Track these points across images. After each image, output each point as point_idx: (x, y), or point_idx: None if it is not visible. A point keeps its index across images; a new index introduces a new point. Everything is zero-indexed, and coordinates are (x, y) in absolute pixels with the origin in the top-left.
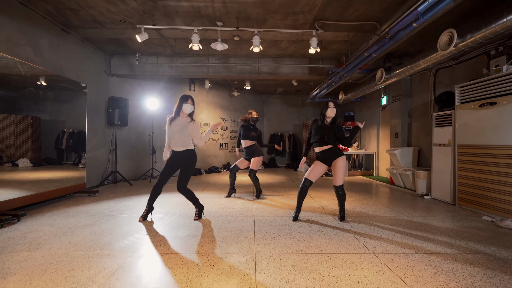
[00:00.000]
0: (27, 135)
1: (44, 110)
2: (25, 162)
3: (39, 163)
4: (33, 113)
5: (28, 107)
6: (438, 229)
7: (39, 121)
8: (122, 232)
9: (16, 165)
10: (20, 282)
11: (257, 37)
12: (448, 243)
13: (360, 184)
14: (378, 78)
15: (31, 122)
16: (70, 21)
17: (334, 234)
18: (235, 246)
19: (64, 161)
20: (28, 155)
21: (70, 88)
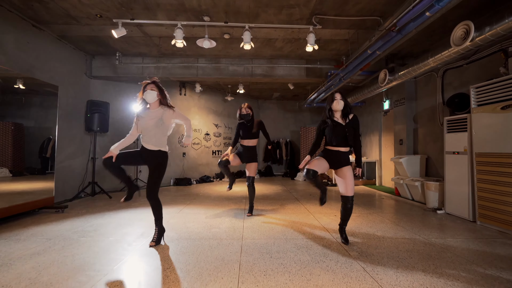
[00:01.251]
0: (7, 143)
1: (28, 116)
2: (3, 172)
3: (19, 173)
4: (16, 119)
5: (11, 113)
6: (465, 258)
7: (22, 128)
8: (73, 266)
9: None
10: None
11: (248, 33)
12: (485, 279)
13: (363, 195)
14: (381, 80)
15: (11, 128)
16: (40, 16)
17: (339, 265)
18: (213, 285)
19: (48, 170)
20: (7, 164)
21: (57, 93)
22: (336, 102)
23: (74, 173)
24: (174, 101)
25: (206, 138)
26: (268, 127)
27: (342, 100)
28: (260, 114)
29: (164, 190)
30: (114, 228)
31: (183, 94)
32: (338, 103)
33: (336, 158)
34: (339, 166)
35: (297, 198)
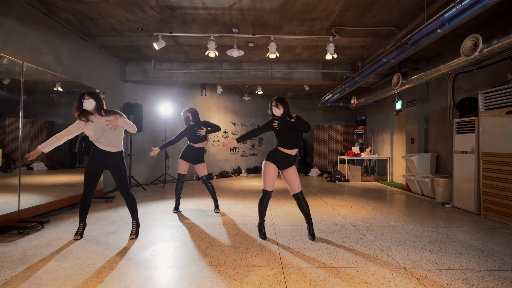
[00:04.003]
0: (42, 139)
1: (58, 114)
2: (40, 166)
3: (53, 167)
4: (48, 117)
5: (43, 111)
6: (467, 242)
7: (53, 125)
8: (144, 241)
9: (31, 168)
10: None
11: (274, 44)
12: (482, 257)
13: (375, 191)
14: (395, 84)
15: (46, 126)
16: (89, 30)
17: (360, 246)
18: (260, 258)
19: (77, 164)
20: (43, 158)
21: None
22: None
23: None
24: (195, 102)
25: (224, 136)
26: None
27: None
28: None
29: (190, 184)
30: (160, 215)
31: (204, 95)
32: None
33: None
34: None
35: (314, 192)
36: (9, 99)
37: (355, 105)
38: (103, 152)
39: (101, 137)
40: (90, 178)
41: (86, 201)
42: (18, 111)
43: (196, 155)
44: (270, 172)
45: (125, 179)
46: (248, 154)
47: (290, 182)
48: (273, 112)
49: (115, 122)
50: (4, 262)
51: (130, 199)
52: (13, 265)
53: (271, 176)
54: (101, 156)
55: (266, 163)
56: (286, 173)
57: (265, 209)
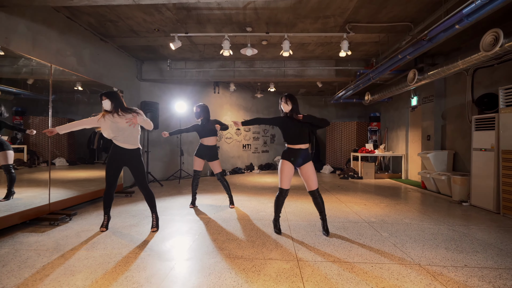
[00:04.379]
0: (63, 136)
1: (77, 112)
2: (61, 161)
3: (74, 162)
4: (68, 115)
5: (63, 109)
6: (485, 241)
7: None
8: (164, 234)
9: (53, 164)
10: (87, 280)
11: (287, 42)
12: (500, 256)
13: (389, 188)
14: (410, 80)
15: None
16: (109, 32)
17: (374, 242)
18: (276, 252)
19: (96, 160)
20: (64, 154)
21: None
22: (283, 104)
23: None
24: (208, 99)
25: (237, 133)
26: None
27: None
28: None
29: (204, 180)
30: (177, 209)
31: (217, 92)
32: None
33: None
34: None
35: (326, 189)
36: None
37: (369, 101)
38: (121, 148)
39: (117, 135)
40: (111, 174)
41: (108, 195)
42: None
43: (210, 153)
44: (285, 170)
45: (142, 175)
46: (261, 151)
47: (306, 179)
48: (282, 108)
49: (134, 120)
50: (40, 251)
51: (149, 194)
52: (48, 253)
53: (286, 174)
54: (119, 152)
55: (281, 162)
56: (303, 170)
57: (281, 206)
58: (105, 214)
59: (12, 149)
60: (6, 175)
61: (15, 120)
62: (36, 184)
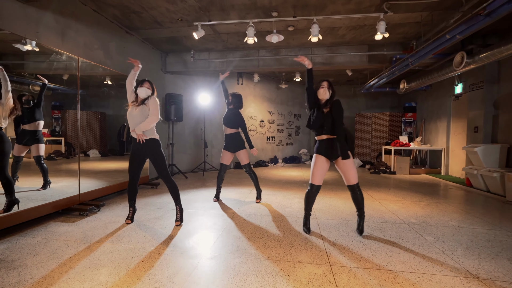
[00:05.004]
0: (96, 129)
1: (108, 106)
2: (94, 153)
3: (105, 154)
4: (99, 109)
5: (95, 103)
6: None
7: (104, 116)
8: (188, 229)
9: (88, 155)
10: (110, 275)
11: (316, 26)
12: None
13: (427, 185)
14: (457, 64)
15: (98, 117)
16: (134, 24)
17: (417, 247)
18: (306, 253)
19: (125, 152)
20: (97, 146)
21: None
22: (323, 90)
23: None
24: (232, 90)
25: (261, 125)
26: None
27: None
28: None
29: (227, 173)
30: (201, 202)
31: (240, 84)
32: (326, 92)
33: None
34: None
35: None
36: (68, 93)
37: (404, 90)
38: (135, 140)
39: (131, 125)
40: (132, 166)
41: (131, 188)
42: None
43: (233, 142)
44: (317, 164)
45: (161, 166)
46: (285, 143)
47: (343, 172)
48: (319, 93)
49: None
50: (68, 241)
51: (172, 187)
52: (76, 244)
53: (318, 168)
54: (137, 144)
55: (314, 156)
56: (339, 163)
57: (311, 203)
58: (130, 206)
59: (44, 142)
60: (37, 166)
61: (53, 114)
62: (71, 174)
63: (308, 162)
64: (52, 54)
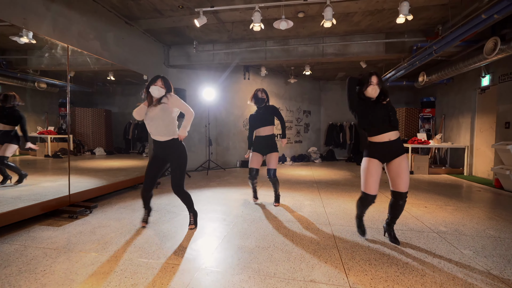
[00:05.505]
0: (101, 127)
1: (113, 103)
2: (100, 151)
3: (111, 152)
4: (105, 106)
5: (101, 101)
6: None
7: (110, 114)
8: (184, 236)
9: (94, 153)
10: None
11: (330, 9)
12: None
13: (450, 186)
14: (489, 51)
15: (104, 114)
16: (132, 13)
17: (454, 263)
18: (319, 269)
19: (131, 150)
20: (102, 144)
21: (134, 82)
22: (372, 88)
23: None
24: (238, 86)
25: None
26: (330, 109)
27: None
28: (321, 96)
29: (232, 172)
30: (203, 205)
31: (247, 78)
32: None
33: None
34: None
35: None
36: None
37: (423, 83)
38: (156, 142)
39: (149, 126)
40: (150, 170)
41: (145, 194)
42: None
43: (268, 143)
44: (371, 170)
45: (177, 174)
46: (293, 141)
47: (396, 175)
48: (368, 90)
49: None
50: (48, 249)
51: (185, 198)
52: (55, 253)
53: (373, 175)
54: (157, 147)
55: (365, 160)
56: (394, 165)
57: (365, 210)
58: (145, 208)
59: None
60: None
61: (60, 111)
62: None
63: (317, 161)
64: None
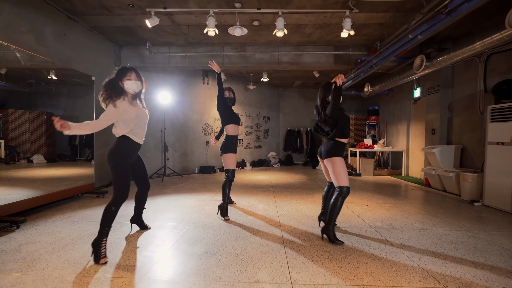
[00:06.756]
0: (41, 131)
1: (58, 105)
2: (39, 158)
3: (53, 159)
4: (48, 108)
5: (42, 103)
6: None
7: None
8: (128, 247)
9: (31, 161)
10: None
11: (281, 19)
12: None
13: (390, 186)
14: (417, 67)
15: (44, 117)
16: (76, 7)
17: (385, 254)
18: (265, 270)
19: (78, 157)
20: (42, 151)
21: (83, 83)
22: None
23: None
24: (197, 90)
25: None
26: (289, 115)
27: None
28: (280, 103)
29: (190, 178)
30: (154, 214)
31: (206, 83)
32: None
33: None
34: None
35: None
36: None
37: (368, 93)
38: (136, 145)
39: (142, 128)
40: (128, 179)
41: (117, 211)
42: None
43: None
44: (344, 166)
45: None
46: (253, 146)
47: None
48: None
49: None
50: None
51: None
52: None
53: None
54: (135, 151)
55: (340, 160)
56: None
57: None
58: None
59: None
60: None
61: None
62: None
63: (276, 166)
64: None
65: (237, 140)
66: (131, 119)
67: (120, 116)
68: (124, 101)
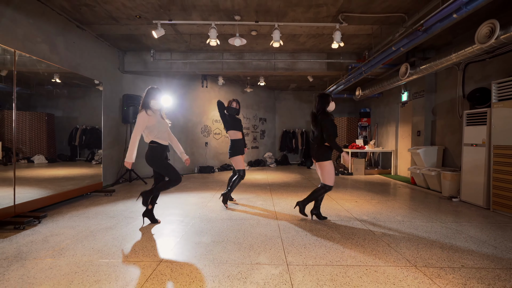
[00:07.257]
0: (42, 132)
1: (57, 106)
2: (40, 159)
3: (53, 160)
4: (47, 110)
5: (42, 104)
6: (478, 238)
7: (53, 118)
8: (143, 238)
9: (32, 161)
10: None
11: (277, 32)
12: (495, 255)
13: (379, 184)
14: (402, 74)
15: (45, 119)
16: (85, 18)
17: (367, 242)
18: (264, 255)
19: (78, 157)
20: (43, 151)
21: (83, 85)
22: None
23: (113, 161)
24: (196, 93)
25: None
26: (284, 117)
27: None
28: (276, 105)
29: (191, 177)
30: (160, 209)
31: (205, 86)
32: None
33: None
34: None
35: (316, 185)
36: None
37: (359, 96)
38: (165, 146)
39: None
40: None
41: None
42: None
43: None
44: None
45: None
46: (250, 147)
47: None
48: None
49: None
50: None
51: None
52: (6, 262)
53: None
54: (164, 151)
55: (330, 162)
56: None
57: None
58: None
59: None
60: None
61: None
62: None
63: (272, 165)
64: None
65: (242, 142)
66: (153, 125)
67: (145, 123)
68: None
